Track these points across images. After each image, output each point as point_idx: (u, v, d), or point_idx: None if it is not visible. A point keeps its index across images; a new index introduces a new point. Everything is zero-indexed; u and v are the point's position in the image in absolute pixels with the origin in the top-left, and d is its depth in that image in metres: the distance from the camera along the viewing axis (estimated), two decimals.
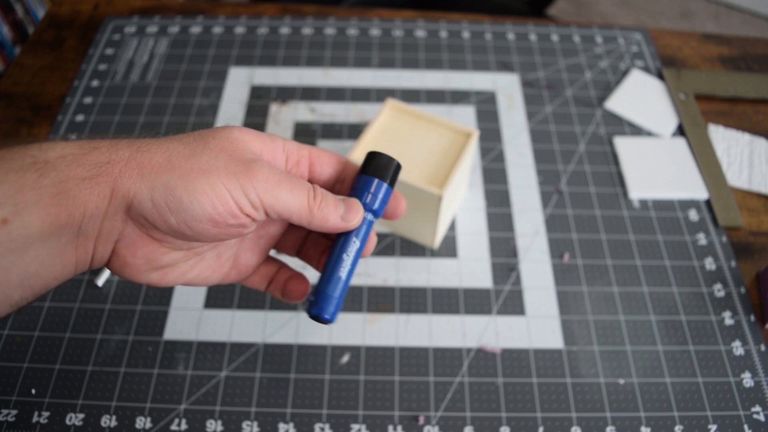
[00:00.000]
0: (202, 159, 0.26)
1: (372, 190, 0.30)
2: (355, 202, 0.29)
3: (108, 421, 0.41)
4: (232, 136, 0.28)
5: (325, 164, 0.31)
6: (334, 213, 0.28)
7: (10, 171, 0.23)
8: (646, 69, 0.65)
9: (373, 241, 0.31)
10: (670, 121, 0.60)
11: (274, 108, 0.61)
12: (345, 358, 0.44)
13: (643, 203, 0.54)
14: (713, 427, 0.41)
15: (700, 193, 0.54)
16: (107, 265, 0.28)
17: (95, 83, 0.63)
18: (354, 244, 0.30)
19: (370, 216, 0.30)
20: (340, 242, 0.30)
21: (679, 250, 0.51)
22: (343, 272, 0.29)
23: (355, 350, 0.44)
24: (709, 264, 0.50)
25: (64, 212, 0.24)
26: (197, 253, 0.30)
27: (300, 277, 0.33)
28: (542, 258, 0.50)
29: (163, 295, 0.47)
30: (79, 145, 0.25)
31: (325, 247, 0.33)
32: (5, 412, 0.41)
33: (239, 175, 0.26)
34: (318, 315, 0.29)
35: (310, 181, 0.31)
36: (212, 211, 0.26)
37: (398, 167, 0.31)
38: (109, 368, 0.43)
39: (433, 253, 0.50)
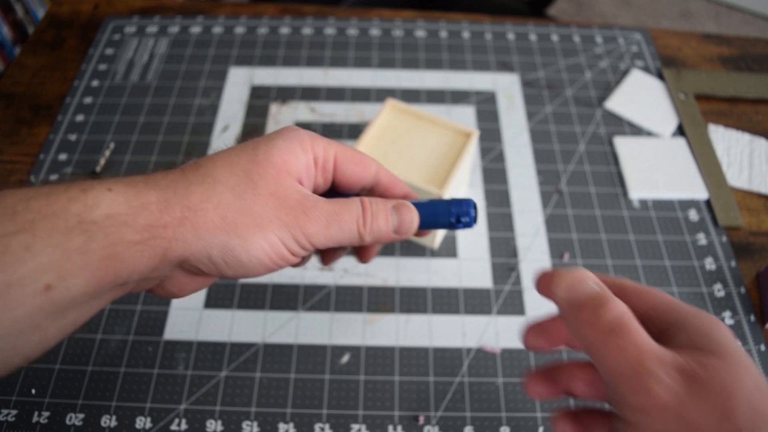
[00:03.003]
0: (255, 211, 0.26)
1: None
2: (407, 209, 0.29)
3: (108, 421, 0.41)
4: (275, 169, 0.27)
5: (350, 170, 0.30)
6: (386, 230, 0.29)
7: (54, 232, 0.22)
8: (646, 69, 0.65)
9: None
10: (670, 121, 0.60)
11: (274, 108, 0.61)
12: (345, 358, 0.44)
13: (643, 203, 0.54)
14: None
15: (700, 193, 0.54)
16: (150, 292, 0.28)
17: (95, 83, 0.63)
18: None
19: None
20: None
21: (679, 250, 0.51)
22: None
23: (355, 350, 0.44)
24: (709, 264, 0.50)
25: (111, 274, 0.23)
26: None
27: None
28: (542, 258, 0.50)
29: None
30: (126, 200, 0.24)
31: None
32: (5, 412, 0.41)
33: (291, 226, 0.26)
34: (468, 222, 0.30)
35: (334, 183, 0.31)
36: (268, 262, 0.27)
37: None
38: (109, 368, 0.43)
39: (433, 253, 0.50)
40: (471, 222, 0.30)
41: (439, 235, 0.49)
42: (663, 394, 0.20)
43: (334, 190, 0.31)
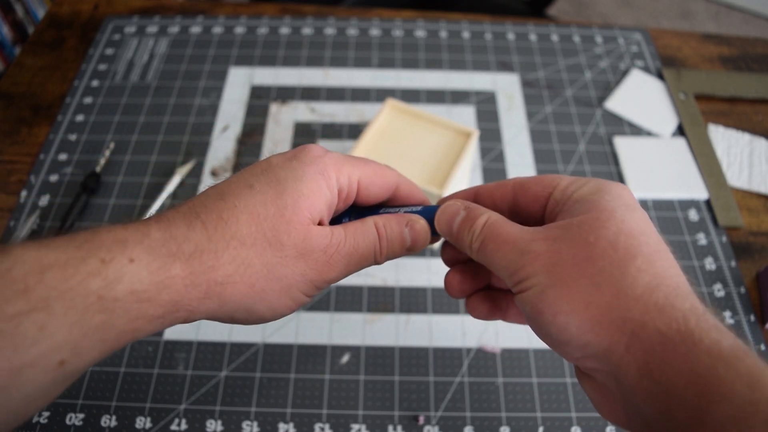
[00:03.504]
0: (283, 274, 0.25)
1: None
2: (421, 227, 0.29)
3: (108, 421, 0.41)
4: (304, 224, 0.26)
5: (372, 192, 0.30)
6: (400, 251, 0.29)
7: (71, 310, 0.21)
8: (646, 69, 0.65)
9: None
10: (670, 121, 0.60)
11: (274, 108, 0.61)
12: (345, 358, 0.44)
13: (643, 203, 0.54)
14: None
15: (700, 193, 0.54)
16: None
17: (95, 83, 0.63)
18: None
19: None
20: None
21: (679, 250, 0.51)
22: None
23: (355, 350, 0.44)
24: (709, 264, 0.50)
25: (127, 343, 0.23)
26: None
27: None
28: None
29: None
30: (149, 274, 0.22)
31: None
32: None
33: (315, 280, 0.26)
34: None
35: (355, 202, 0.30)
36: (288, 312, 0.27)
37: None
38: (109, 368, 0.43)
39: (433, 253, 0.50)
40: None
41: None
42: (537, 248, 0.23)
43: (352, 205, 0.31)
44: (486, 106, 0.61)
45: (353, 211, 0.31)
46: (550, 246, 0.23)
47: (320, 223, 0.27)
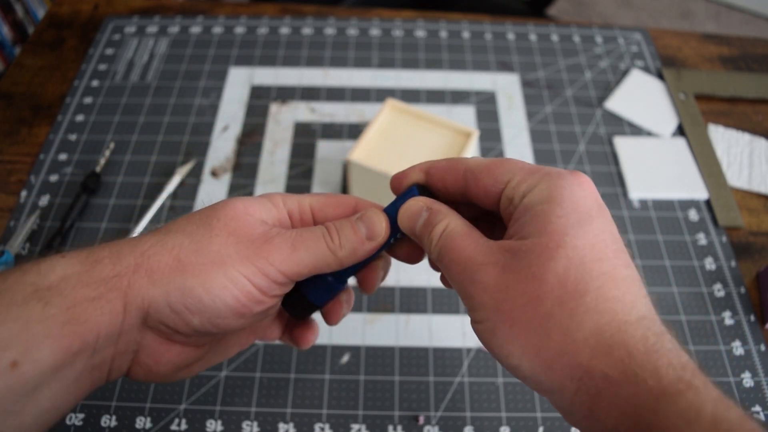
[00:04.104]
0: (212, 250, 0.25)
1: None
2: (372, 213, 0.27)
3: (108, 421, 0.41)
4: (234, 212, 0.26)
5: (330, 214, 0.29)
6: (357, 238, 0.27)
7: (12, 305, 0.21)
8: (646, 69, 0.65)
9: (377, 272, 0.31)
10: (670, 121, 0.60)
11: (274, 108, 0.61)
12: (345, 358, 0.44)
13: (643, 203, 0.54)
14: None
15: (700, 193, 0.54)
16: (129, 375, 0.27)
17: (95, 83, 0.63)
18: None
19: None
20: None
21: (679, 250, 0.51)
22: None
23: (355, 350, 0.44)
24: (709, 264, 0.50)
25: (77, 340, 0.22)
26: (221, 339, 0.30)
27: (309, 325, 0.33)
28: None
29: None
30: (79, 261, 0.23)
31: None
32: None
33: (253, 258, 0.25)
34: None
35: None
36: (236, 304, 0.24)
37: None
38: None
39: None
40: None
41: None
42: (485, 279, 0.23)
43: None
44: (486, 106, 0.61)
45: None
46: (498, 277, 0.23)
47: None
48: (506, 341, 0.22)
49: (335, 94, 0.62)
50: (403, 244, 0.30)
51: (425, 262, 0.31)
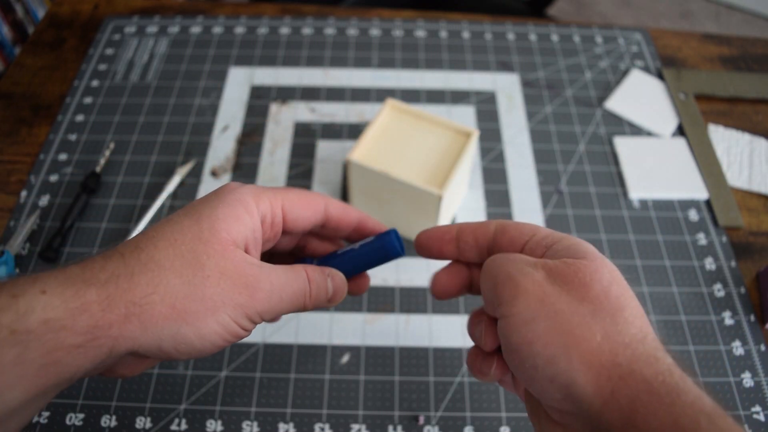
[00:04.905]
0: (206, 294, 0.25)
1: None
2: (340, 280, 0.30)
3: (108, 421, 0.41)
4: (224, 246, 0.26)
5: (300, 216, 0.30)
6: (324, 301, 0.30)
7: None
8: (646, 69, 0.65)
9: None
10: (670, 121, 0.60)
11: (274, 108, 0.61)
12: (345, 358, 0.44)
13: (643, 203, 0.54)
14: None
15: (700, 193, 0.54)
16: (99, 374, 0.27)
17: (95, 83, 0.63)
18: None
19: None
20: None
21: (679, 250, 0.51)
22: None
23: (355, 350, 0.44)
24: (709, 264, 0.50)
25: (52, 379, 0.21)
26: None
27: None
28: None
29: None
30: (63, 302, 0.22)
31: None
32: None
33: (244, 306, 0.26)
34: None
35: (285, 230, 0.30)
36: (222, 343, 0.26)
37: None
38: None
39: None
40: (399, 252, 0.31)
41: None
42: (528, 284, 0.24)
43: (284, 233, 0.32)
44: (486, 106, 0.61)
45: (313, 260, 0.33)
46: (545, 276, 0.24)
47: (247, 252, 0.27)
48: (547, 331, 0.23)
49: (335, 94, 0.62)
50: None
51: (425, 262, 0.32)
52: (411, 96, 0.62)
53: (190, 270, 0.25)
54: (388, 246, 0.31)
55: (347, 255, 0.32)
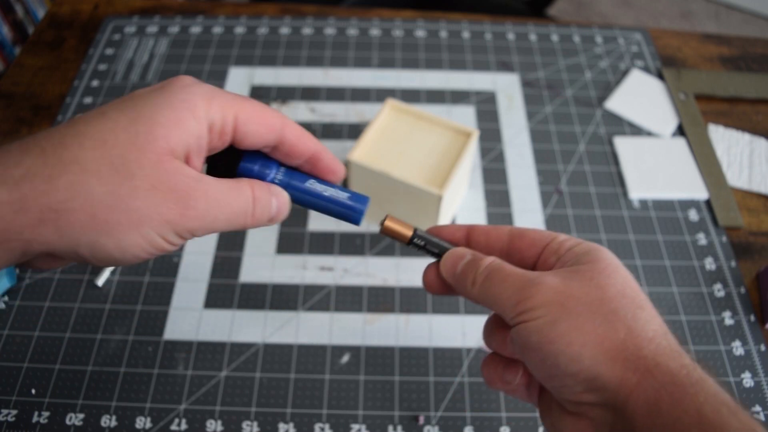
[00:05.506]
0: (132, 206, 0.23)
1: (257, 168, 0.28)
2: (284, 198, 0.28)
3: (108, 421, 0.41)
4: (159, 155, 0.23)
5: (252, 131, 0.26)
6: (267, 219, 0.28)
7: None
8: (646, 69, 0.65)
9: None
10: (670, 121, 0.60)
11: (274, 108, 0.60)
12: (345, 358, 0.44)
13: (643, 203, 0.54)
14: None
15: (700, 193, 0.54)
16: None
17: (95, 83, 0.63)
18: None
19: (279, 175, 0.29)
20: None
21: (679, 250, 0.51)
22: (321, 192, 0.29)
23: (355, 350, 0.44)
24: (709, 264, 0.50)
25: None
26: None
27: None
28: None
29: (163, 295, 0.47)
30: None
31: None
32: (5, 412, 0.41)
33: (174, 222, 0.24)
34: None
35: (234, 142, 0.27)
36: (145, 256, 0.24)
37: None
38: (109, 368, 0.43)
39: None
40: (358, 218, 0.29)
41: None
42: (545, 293, 0.24)
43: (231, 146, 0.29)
44: (486, 106, 0.61)
45: (279, 169, 0.30)
46: (561, 281, 0.25)
47: (188, 161, 0.25)
48: (570, 330, 0.23)
49: (335, 94, 0.62)
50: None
51: (426, 262, 0.31)
52: (411, 96, 0.62)
53: (117, 178, 0.22)
54: (354, 215, 0.29)
55: (311, 191, 0.29)
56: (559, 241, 0.28)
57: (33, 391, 0.42)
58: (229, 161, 0.28)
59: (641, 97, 0.62)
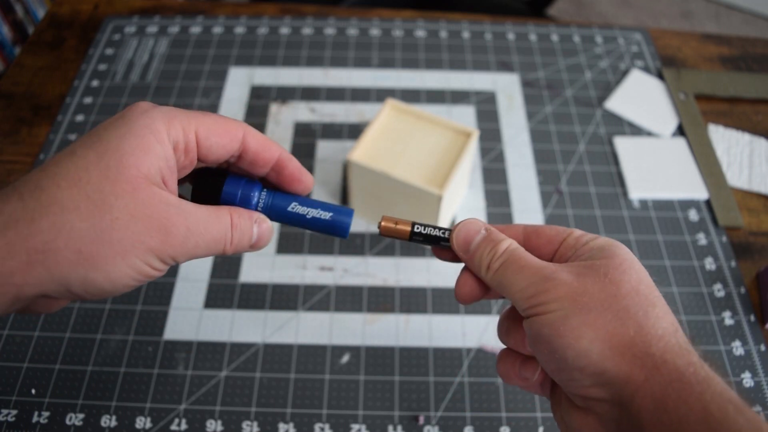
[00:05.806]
0: (114, 237, 0.23)
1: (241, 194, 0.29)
2: (267, 228, 0.29)
3: (108, 421, 0.41)
4: (134, 184, 0.24)
5: (215, 143, 0.27)
6: (247, 246, 0.28)
7: None
8: (646, 69, 0.65)
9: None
10: (670, 121, 0.60)
11: (274, 108, 0.61)
12: (345, 358, 0.44)
13: (643, 203, 0.54)
14: None
15: (700, 193, 0.54)
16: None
17: (95, 83, 0.63)
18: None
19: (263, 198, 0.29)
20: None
21: (679, 250, 0.51)
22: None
23: (355, 350, 0.44)
24: (709, 264, 0.50)
25: None
26: None
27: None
28: None
29: (163, 295, 0.47)
30: None
31: None
32: (5, 412, 0.41)
33: (157, 249, 0.24)
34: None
35: (200, 158, 0.28)
36: (132, 283, 0.25)
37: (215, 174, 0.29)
38: (109, 368, 0.43)
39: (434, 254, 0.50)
40: (345, 232, 0.30)
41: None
42: (559, 289, 0.25)
43: (200, 161, 0.29)
44: (486, 106, 0.61)
45: (264, 191, 0.30)
46: (575, 278, 0.25)
47: (164, 183, 0.26)
48: (581, 325, 0.24)
49: (335, 94, 0.62)
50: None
51: (425, 262, 0.31)
52: (411, 96, 0.62)
53: (97, 212, 0.23)
54: (339, 232, 0.29)
55: (294, 214, 0.29)
56: (575, 237, 0.28)
57: (33, 391, 0.42)
58: (213, 186, 0.29)
59: (641, 97, 0.62)
